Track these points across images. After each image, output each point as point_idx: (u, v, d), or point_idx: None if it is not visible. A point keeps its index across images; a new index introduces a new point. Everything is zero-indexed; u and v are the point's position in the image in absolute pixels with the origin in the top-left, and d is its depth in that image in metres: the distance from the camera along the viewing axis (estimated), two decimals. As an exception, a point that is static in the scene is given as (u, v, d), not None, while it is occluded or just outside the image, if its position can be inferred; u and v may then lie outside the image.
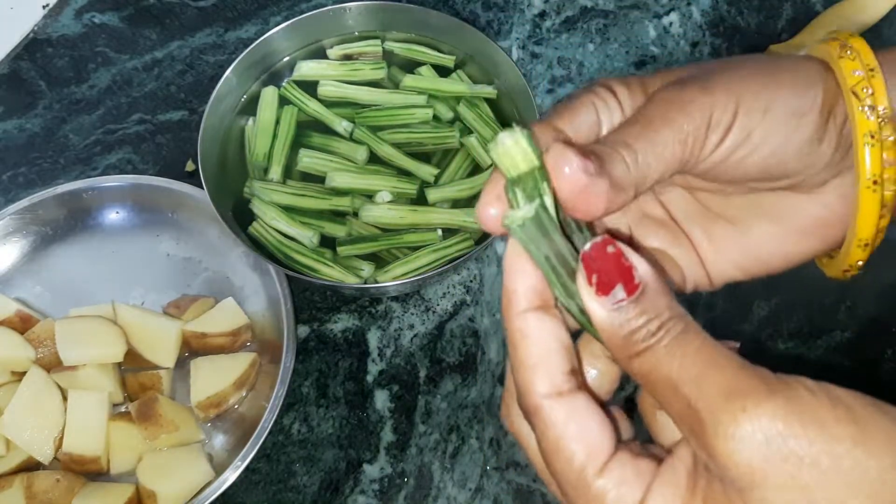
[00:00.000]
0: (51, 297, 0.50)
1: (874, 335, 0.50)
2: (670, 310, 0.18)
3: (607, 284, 0.18)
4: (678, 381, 0.18)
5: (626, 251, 0.19)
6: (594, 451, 0.19)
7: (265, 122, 0.51)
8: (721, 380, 0.17)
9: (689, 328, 0.18)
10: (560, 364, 0.19)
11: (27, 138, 0.57)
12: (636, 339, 0.18)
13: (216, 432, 0.46)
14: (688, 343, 0.18)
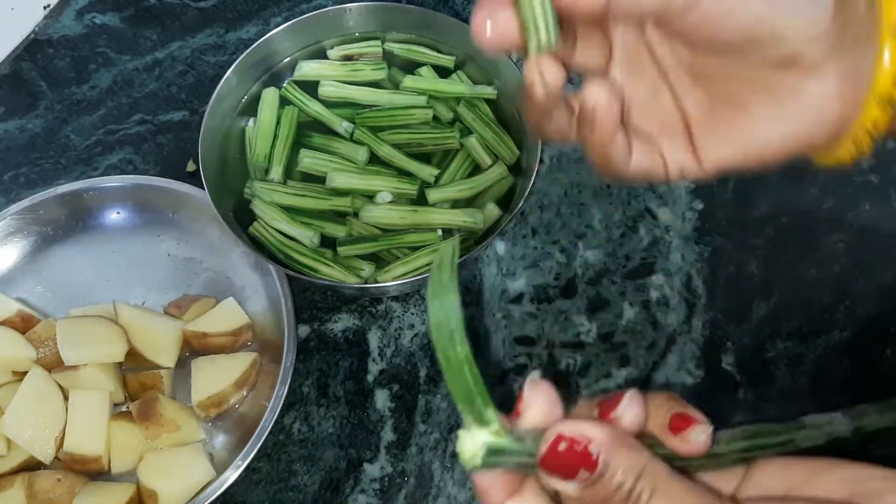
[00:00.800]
0: (52, 296, 0.50)
1: (873, 335, 0.50)
2: (636, 466, 0.20)
3: (570, 473, 0.20)
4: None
5: (579, 433, 0.20)
6: None
7: (266, 122, 0.52)
8: None
9: (658, 481, 0.20)
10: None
11: (28, 139, 0.57)
12: (616, 501, 0.20)
13: (217, 432, 0.46)
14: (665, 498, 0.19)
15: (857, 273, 0.52)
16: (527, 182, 0.48)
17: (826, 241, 0.54)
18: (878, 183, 0.56)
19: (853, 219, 0.54)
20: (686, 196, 0.55)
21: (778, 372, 0.49)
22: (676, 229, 0.54)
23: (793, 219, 0.54)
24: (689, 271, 0.52)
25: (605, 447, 0.20)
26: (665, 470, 0.20)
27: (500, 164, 0.51)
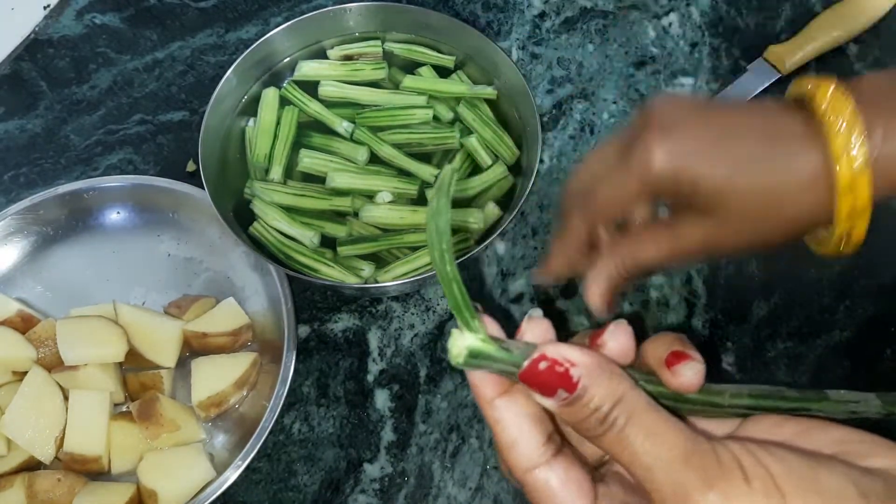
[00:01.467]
0: (52, 297, 0.50)
1: (873, 335, 0.50)
2: (615, 393, 0.20)
3: (548, 391, 0.20)
4: (632, 468, 0.20)
5: (561, 356, 0.20)
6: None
7: (266, 122, 0.52)
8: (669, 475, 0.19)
9: (637, 411, 0.20)
10: (533, 440, 0.21)
11: (28, 139, 0.57)
12: (589, 426, 0.20)
13: (217, 432, 0.46)
14: (637, 431, 0.20)
15: (857, 273, 0.52)
16: (527, 182, 0.48)
17: (826, 241, 0.54)
18: (879, 183, 0.56)
19: (853, 219, 0.54)
20: (686, 196, 0.55)
21: (778, 372, 0.49)
22: (677, 229, 0.54)
23: (793, 219, 0.54)
24: (689, 271, 0.52)
25: (586, 372, 0.20)
26: (644, 401, 0.20)
27: (500, 163, 0.51)
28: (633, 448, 0.20)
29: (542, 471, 0.21)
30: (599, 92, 0.59)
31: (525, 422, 0.21)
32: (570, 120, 0.58)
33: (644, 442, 0.19)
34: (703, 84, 0.60)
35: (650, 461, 0.19)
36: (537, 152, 0.48)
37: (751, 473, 0.19)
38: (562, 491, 0.21)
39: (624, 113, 0.58)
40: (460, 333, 0.21)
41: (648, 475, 0.19)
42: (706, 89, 0.59)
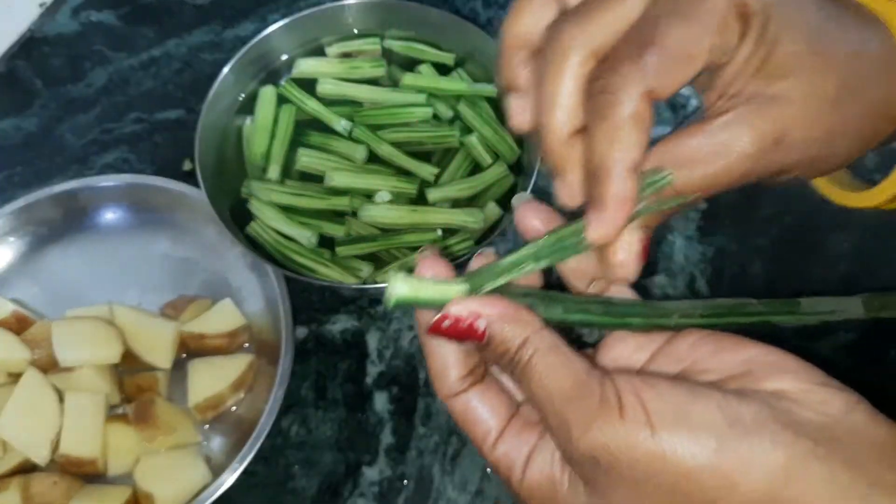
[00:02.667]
0: (47, 297, 0.49)
1: (879, 334, 0.50)
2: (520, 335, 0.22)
3: (459, 341, 0.23)
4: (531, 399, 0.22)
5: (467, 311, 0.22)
6: (485, 431, 0.24)
7: (263, 120, 0.51)
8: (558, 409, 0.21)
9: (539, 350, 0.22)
10: (454, 373, 0.24)
11: (23, 138, 0.56)
12: (502, 364, 0.23)
13: (214, 434, 0.46)
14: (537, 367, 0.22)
15: (862, 273, 0.52)
16: (528, 181, 0.47)
17: (831, 240, 0.53)
18: (884, 181, 0.55)
19: (858, 218, 0.54)
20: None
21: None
22: (680, 229, 0.53)
23: (797, 218, 0.54)
24: (692, 272, 0.52)
25: (490, 322, 0.22)
26: (549, 341, 0.22)
27: (501, 162, 0.51)
28: (533, 383, 0.22)
29: (460, 398, 0.24)
30: (601, 90, 0.59)
31: (452, 354, 0.24)
32: (571, 118, 0.57)
33: (541, 378, 0.21)
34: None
35: (544, 395, 0.21)
36: (538, 151, 0.47)
37: (627, 408, 0.20)
38: (474, 413, 0.24)
39: (626, 111, 0.58)
40: (397, 276, 0.23)
41: (541, 409, 0.22)
42: (709, 87, 0.59)
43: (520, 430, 0.24)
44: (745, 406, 0.20)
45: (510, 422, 0.24)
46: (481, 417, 0.24)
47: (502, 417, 0.24)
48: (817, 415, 0.21)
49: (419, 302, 0.22)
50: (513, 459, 0.23)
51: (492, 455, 0.24)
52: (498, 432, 0.24)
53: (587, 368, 0.22)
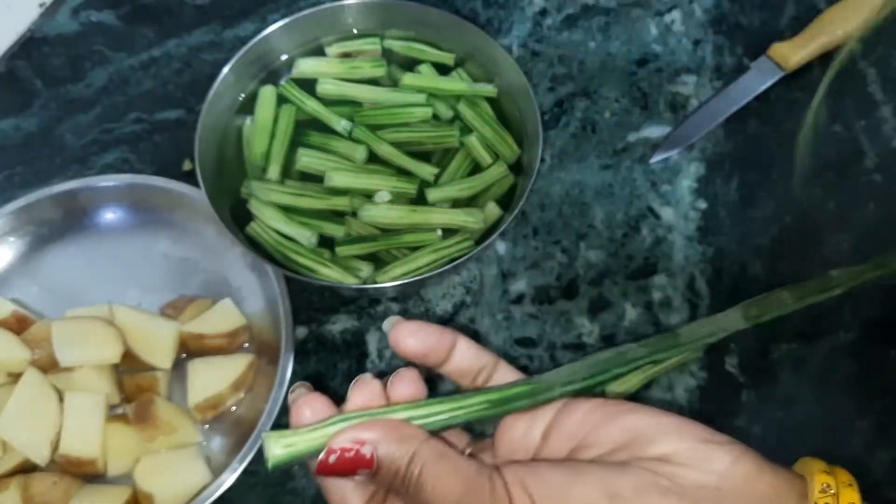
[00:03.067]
0: (47, 297, 0.49)
1: (878, 336, 0.50)
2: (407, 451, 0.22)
3: (351, 473, 0.22)
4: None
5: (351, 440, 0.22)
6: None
7: (263, 120, 0.51)
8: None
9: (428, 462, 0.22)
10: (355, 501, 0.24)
11: (23, 138, 0.56)
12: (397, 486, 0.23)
13: (214, 434, 0.46)
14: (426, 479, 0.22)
15: (861, 273, 0.52)
16: (528, 181, 0.47)
17: (831, 241, 0.53)
18: (883, 182, 0.55)
19: (858, 219, 0.54)
20: (689, 196, 0.55)
21: (782, 374, 0.49)
22: (679, 229, 0.53)
23: (797, 219, 0.54)
24: (692, 272, 0.52)
25: (376, 445, 0.22)
26: (436, 451, 0.22)
27: (501, 162, 0.51)
28: (426, 493, 0.22)
29: None
30: (601, 90, 0.59)
31: (348, 486, 0.24)
32: (571, 118, 0.57)
33: (433, 488, 0.22)
34: (707, 82, 0.59)
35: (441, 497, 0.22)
36: (538, 151, 0.47)
37: (515, 498, 0.21)
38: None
39: (626, 111, 0.58)
40: (269, 437, 0.23)
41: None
42: (709, 87, 0.59)
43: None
44: (625, 478, 0.21)
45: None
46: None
47: None
48: (701, 473, 0.21)
49: (300, 456, 0.22)
50: None
51: None
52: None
53: (476, 468, 0.22)
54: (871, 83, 0.59)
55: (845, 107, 0.58)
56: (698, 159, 0.56)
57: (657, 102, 0.58)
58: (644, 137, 0.57)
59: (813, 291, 0.41)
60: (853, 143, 0.57)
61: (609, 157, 0.56)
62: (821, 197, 0.55)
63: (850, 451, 0.47)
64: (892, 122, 0.57)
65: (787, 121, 0.57)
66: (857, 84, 0.59)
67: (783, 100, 0.58)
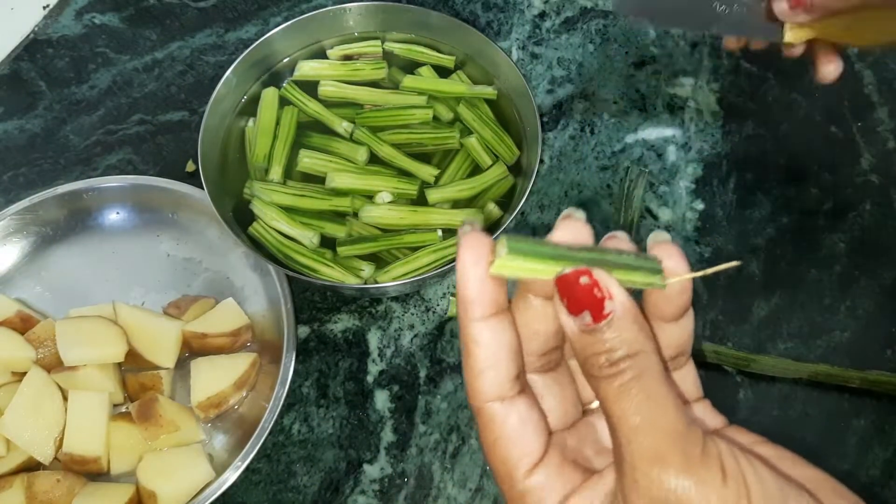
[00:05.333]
0: (51, 297, 0.50)
1: (874, 335, 0.50)
2: (636, 345, 0.20)
3: (576, 309, 0.20)
4: (619, 423, 0.19)
5: (604, 283, 0.20)
6: (525, 454, 0.21)
7: (265, 122, 0.51)
8: (654, 442, 0.19)
9: (648, 372, 0.19)
10: (506, 371, 0.21)
11: (27, 139, 0.57)
12: (597, 363, 0.20)
13: (216, 432, 0.46)
14: (639, 390, 0.19)
15: (858, 273, 0.52)
16: (527, 182, 0.48)
17: (827, 241, 0.53)
18: (879, 183, 0.56)
19: (854, 219, 0.54)
20: (687, 196, 0.55)
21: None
22: (677, 229, 0.54)
23: (794, 219, 0.54)
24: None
25: (619, 310, 0.19)
26: (659, 367, 0.20)
27: (500, 164, 0.51)
28: (629, 404, 0.19)
29: (505, 405, 0.21)
30: (600, 92, 0.59)
31: (503, 350, 0.21)
32: (570, 120, 0.58)
33: (642, 403, 0.19)
34: (704, 84, 0.60)
35: (640, 423, 0.19)
36: (537, 152, 0.48)
37: (729, 474, 0.19)
38: (519, 428, 0.21)
39: (624, 113, 0.58)
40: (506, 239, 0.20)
41: (632, 435, 0.19)
42: (707, 89, 0.59)
43: (561, 465, 0.21)
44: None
45: (548, 451, 0.21)
46: (521, 437, 0.21)
47: (542, 442, 0.21)
48: None
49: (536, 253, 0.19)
50: (545, 496, 0.20)
51: (521, 483, 0.20)
52: (536, 459, 0.20)
53: (689, 414, 0.20)
54: (868, 85, 0.60)
55: (842, 108, 0.59)
56: (696, 160, 0.56)
57: (655, 104, 0.59)
58: (642, 139, 0.57)
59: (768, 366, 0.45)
60: (850, 144, 0.57)
61: (607, 159, 0.56)
62: (817, 197, 0.55)
63: (847, 449, 0.47)
64: (889, 124, 0.58)
65: (784, 122, 0.58)
66: (854, 86, 0.59)
67: (779, 102, 0.59)
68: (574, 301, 0.20)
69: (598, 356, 0.19)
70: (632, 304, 0.20)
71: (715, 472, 0.19)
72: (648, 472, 0.19)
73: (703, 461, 0.19)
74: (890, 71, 0.60)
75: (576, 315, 0.20)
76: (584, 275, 0.20)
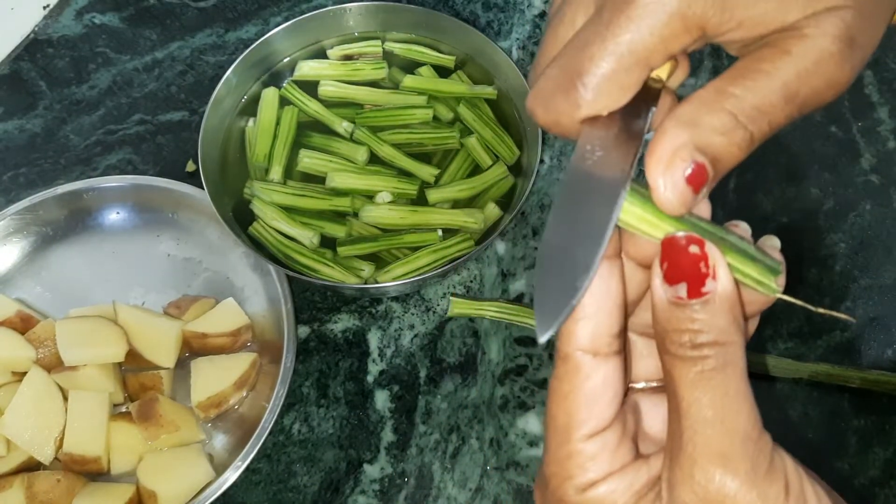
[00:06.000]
0: (51, 297, 0.50)
1: (874, 335, 0.50)
2: (726, 335, 0.18)
3: (674, 277, 0.19)
4: (686, 411, 0.18)
5: (713, 259, 0.19)
6: (593, 416, 0.19)
7: (266, 122, 0.51)
8: (723, 441, 0.18)
9: (732, 366, 0.18)
10: (608, 324, 0.19)
11: (28, 139, 0.57)
12: (678, 340, 0.19)
13: (216, 432, 0.46)
14: (719, 383, 0.18)
15: (858, 273, 0.52)
16: (527, 182, 0.48)
17: (827, 241, 0.53)
18: (879, 183, 0.56)
19: (854, 219, 0.54)
20: (687, 196, 0.55)
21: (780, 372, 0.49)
22: (677, 229, 0.54)
23: (794, 219, 0.54)
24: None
25: (721, 294, 0.18)
26: (743, 366, 0.18)
27: (501, 164, 0.51)
28: (705, 395, 0.18)
29: (597, 360, 0.19)
30: (600, 92, 0.59)
31: (610, 303, 0.19)
32: (570, 120, 0.58)
33: (720, 397, 0.18)
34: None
35: (713, 417, 0.18)
36: (537, 152, 0.48)
37: (792, 491, 0.18)
38: (600, 389, 0.19)
39: (624, 113, 0.58)
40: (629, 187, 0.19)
41: (700, 428, 0.18)
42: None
43: (619, 441, 0.20)
44: None
45: (613, 423, 0.20)
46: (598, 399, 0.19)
47: (613, 412, 0.20)
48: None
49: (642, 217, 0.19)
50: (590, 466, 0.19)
51: (575, 444, 0.19)
52: (601, 427, 0.19)
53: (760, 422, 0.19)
54: (868, 85, 0.60)
55: (842, 108, 0.59)
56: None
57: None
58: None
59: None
60: (850, 144, 0.57)
61: (608, 159, 0.56)
62: (817, 198, 0.55)
63: (847, 449, 0.47)
64: (889, 124, 0.58)
65: (785, 122, 0.58)
66: (854, 86, 0.59)
67: (780, 102, 0.59)
68: (675, 268, 0.19)
69: (681, 333, 0.18)
70: (734, 293, 0.19)
71: (778, 488, 0.18)
72: (708, 470, 0.18)
73: (769, 475, 0.18)
74: (890, 71, 0.60)
75: (672, 284, 0.19)
76: (696, 244, 0.18)
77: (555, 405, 0.20)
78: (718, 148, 0.19)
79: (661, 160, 0.19)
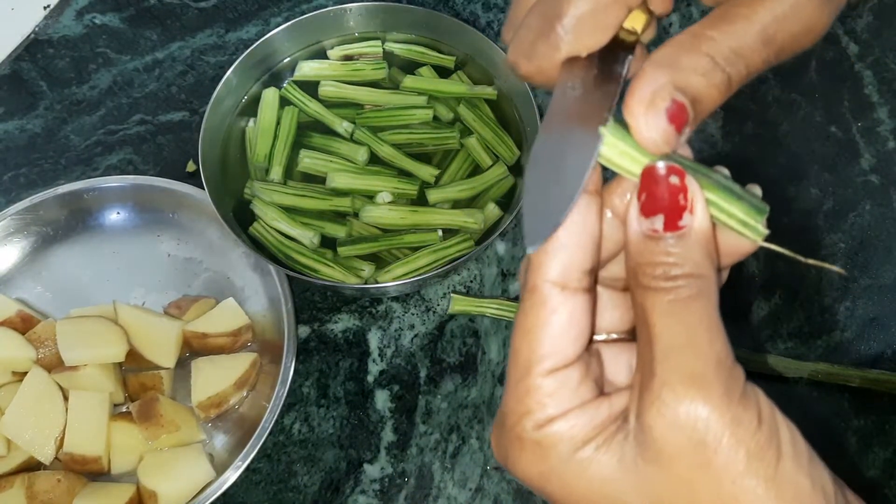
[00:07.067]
0: (52, 297, 0.50)
1: (873, 335, 0.50)
2: (700, 268, 0.18)
3: (651, 209, 0.18)
4: (658, 337, 0.18)
5: (692, 192, 0.18)
6: (555, 352, 0.19)
7: (266, 122, 0.52)
8: (693, 364, 0.18)
9: (705, 297, 0.18)
10: (581, 259, 0.19)
11: (28, 139, 0.57)
12: (651, 273, 0.18)
13: (217, 432, 0.46)
14: (694, 310, 0.18)
15: (857, 273, 0.52)
16: (527, 182, 0.48)
17: (827, 241, 0.54)
18: (879, 183, 0.56)
19: (854, 219, 0.54)
20: (687, 196, 0.55)
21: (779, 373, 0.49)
22: (677, 229, 0.54)
23: (794, 219, 0.54)
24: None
25: (697, 230, 0.18)
26: (715, 300, 0.18)
27: (501, 164, 0.51)
28: (677, 321, 0.18)
29: (564, 295, 0.19)
30: (600, 92, 0.59)
31: (584, 234, 0.19)
32: (570, 120, 0.58)
33: (693, 325, 0.18)
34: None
35: (685, 342, 0.18)
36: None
37: (765, 420, 0.18)
38: (565, 325, 0.19)
39: (624, 113, 0.58)
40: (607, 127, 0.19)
41: (671, 353, 0.18)
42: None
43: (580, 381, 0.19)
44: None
45: (575, 362, 0.19)
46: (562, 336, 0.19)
47: (576, 352, 0.19)
48: None
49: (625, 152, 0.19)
50: (548, 402, 0.19)
51: (534, 379, 0.19)
52: (562, 364, 0.19)
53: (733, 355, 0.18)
54: (868, 85, 0.60)
55: (842, 108, 0.59)
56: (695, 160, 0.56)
57: (655, 104, 0.59)
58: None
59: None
60: (850, 144, 0.57)
61: (608, 159, 0.56)
62: (817, 198, 0.55)
63: (847, 449, 0.47)
64: (889, 124, 0.58)
65: (783, 122, 0.58)
66: (854, 86, 0.59)
67: (779, 102, 0.59)
68: (653, 199, 0.18)
69: (655, 266, 0.18)
70: (710, 229, 0.19)
71: (752, 415, 0.18)
72: (679, 391, 0.17)
73: (743, 401, 0.17)
74: (890, 71, 0.60)
75: (648, 216, 0.18)
76: (676, 174, 0.18)
77: (518, 339, 0.19)
78: (698, 88, 0.19)
79: (643, 99, 0.19)
